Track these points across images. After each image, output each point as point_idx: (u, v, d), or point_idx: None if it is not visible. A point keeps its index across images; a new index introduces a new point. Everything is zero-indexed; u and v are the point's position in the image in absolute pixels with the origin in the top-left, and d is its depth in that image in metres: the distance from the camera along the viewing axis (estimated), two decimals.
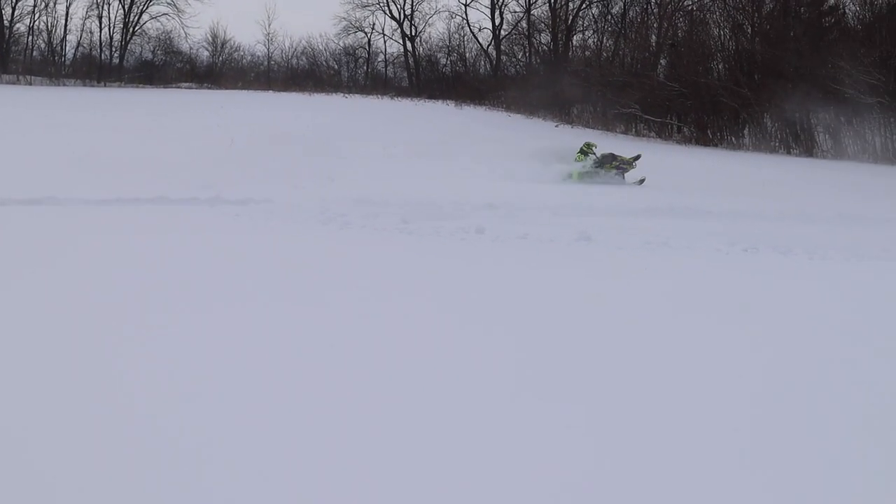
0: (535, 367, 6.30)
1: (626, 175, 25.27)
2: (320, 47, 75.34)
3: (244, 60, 72.21)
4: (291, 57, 72.33)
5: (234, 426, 4.97)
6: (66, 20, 62.68)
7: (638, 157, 25.56)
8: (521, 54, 65.74)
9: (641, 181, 24.38)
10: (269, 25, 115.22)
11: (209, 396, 5.44)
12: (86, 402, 5.26)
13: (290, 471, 4.46)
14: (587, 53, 57.68)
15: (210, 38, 70.99)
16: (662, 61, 51.75)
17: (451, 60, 69.43)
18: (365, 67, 72.82)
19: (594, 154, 26.02)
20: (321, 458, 4.62)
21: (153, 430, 4.90)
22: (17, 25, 61.95)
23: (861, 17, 43.22)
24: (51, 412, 5.12)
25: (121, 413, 5.12)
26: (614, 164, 25.23)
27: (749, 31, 46.65)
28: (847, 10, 45.02)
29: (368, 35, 71.05)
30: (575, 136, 39.34)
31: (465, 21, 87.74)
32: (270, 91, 57.53)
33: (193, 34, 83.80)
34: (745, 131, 43.83)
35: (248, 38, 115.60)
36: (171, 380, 5.70)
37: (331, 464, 4.56)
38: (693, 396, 5.79)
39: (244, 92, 55.49)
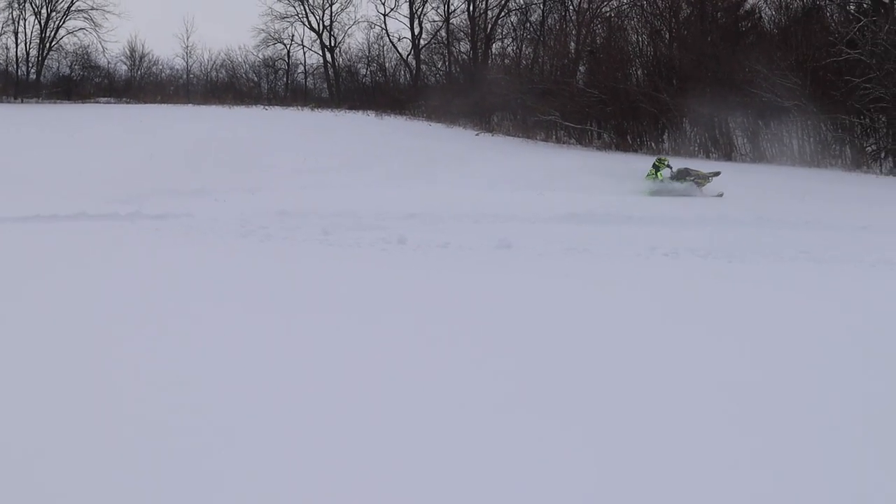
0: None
1: (703, 189, 25.65)
2: (239, 59, 74.71)
3: (163, 74, 71.55)
4: (211, 70, 71.84)
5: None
6: None
7: (717, 174, 26.11)
8: (440, 63, 65.70)
9: (720, 195, 24.66)
10: (188, 38, 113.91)
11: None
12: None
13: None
14: (507, 61, 57.70)
15: (128, 53, 70.21)
16: (582, 68, 51.90)
17: (371, 70, 69.30)
18: (285, 79, 72.47)
19: (669, 168, 26.64)
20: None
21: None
22: None
23: (777, 21, 43.66)
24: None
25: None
26: (688, 178, 25.56)
27: (667, 36, 46.93)
28: (763, 15, 45.50)
29: (288, 46, 70.70)
30: (495, 147, 39.49)
31: (384, 31, 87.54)
32: (190, 104, 57.09)
33: (111, 48, 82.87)
34: (665, 136, 44.06)
35: (166, 51, 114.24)
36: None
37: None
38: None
39: (163, 106, 54.99)
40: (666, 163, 26.65)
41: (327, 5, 69.18)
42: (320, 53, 70.14)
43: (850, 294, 10.10)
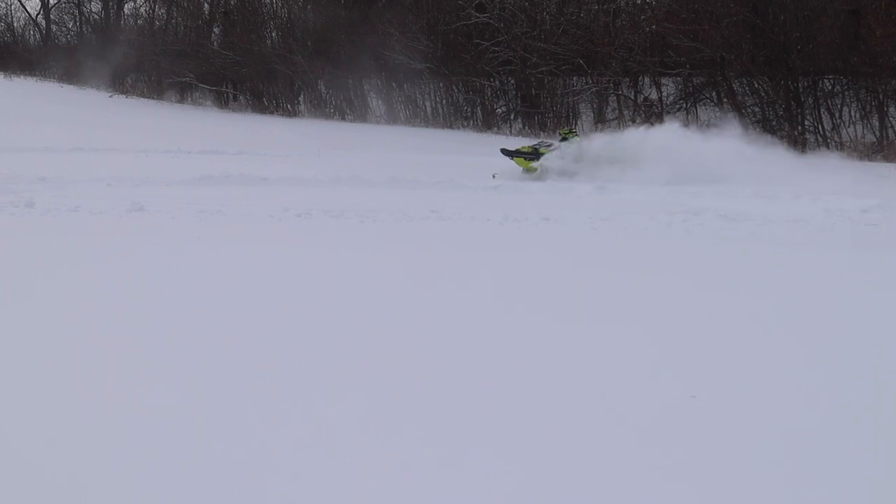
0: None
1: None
2: None
3: None
4: None
5: None
6: None
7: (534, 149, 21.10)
8: (71, 23, 64.01)
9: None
10: None
11: None
12: None
13: None
14: (140, 22, 56.78)
15: None
16: (216, 30, 51.54)
17: None
18: None
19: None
20: None
21: None
22: None
23: None
24: None
25: None
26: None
27: None
28: None
29: None
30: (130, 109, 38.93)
31: None
32: None
33: None
34: (301, 98, 44.26)
35: None
36: None
37: None
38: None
39: None
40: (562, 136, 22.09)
41: None
42: None
43: (478, 249, 10.53)
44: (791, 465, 4.63)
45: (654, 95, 34.06)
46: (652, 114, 33.52)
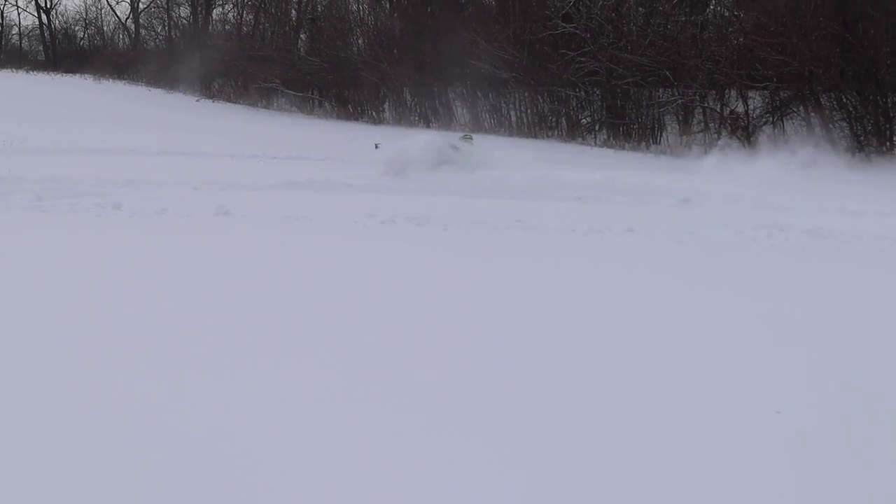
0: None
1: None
2: None
3: None
4: None
5: None
6: None
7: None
8: (160, 28, 64.85)
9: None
10: None
11: None
12: None
13: None
14: (228, 27, 57.35)
15: None
16: (303, 36, 51.95)
17: (88, 34, 67.88)
18: None
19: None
20: None
21: None
22: None
23: None
24: None
25: None
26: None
27: (388, 6, 47.38)
28: None
29: (1, 7, 68.57)
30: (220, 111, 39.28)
31: None
32: None
33: None
34: (386, 105, 44.46)
35: None
36: None
37: None
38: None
39: None
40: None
41: None
42: (35, 15, 68.34)
43: (559, 259, 10.50)
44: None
45: (740, 108, 33.77)
46: (738, 127, 33.28)
